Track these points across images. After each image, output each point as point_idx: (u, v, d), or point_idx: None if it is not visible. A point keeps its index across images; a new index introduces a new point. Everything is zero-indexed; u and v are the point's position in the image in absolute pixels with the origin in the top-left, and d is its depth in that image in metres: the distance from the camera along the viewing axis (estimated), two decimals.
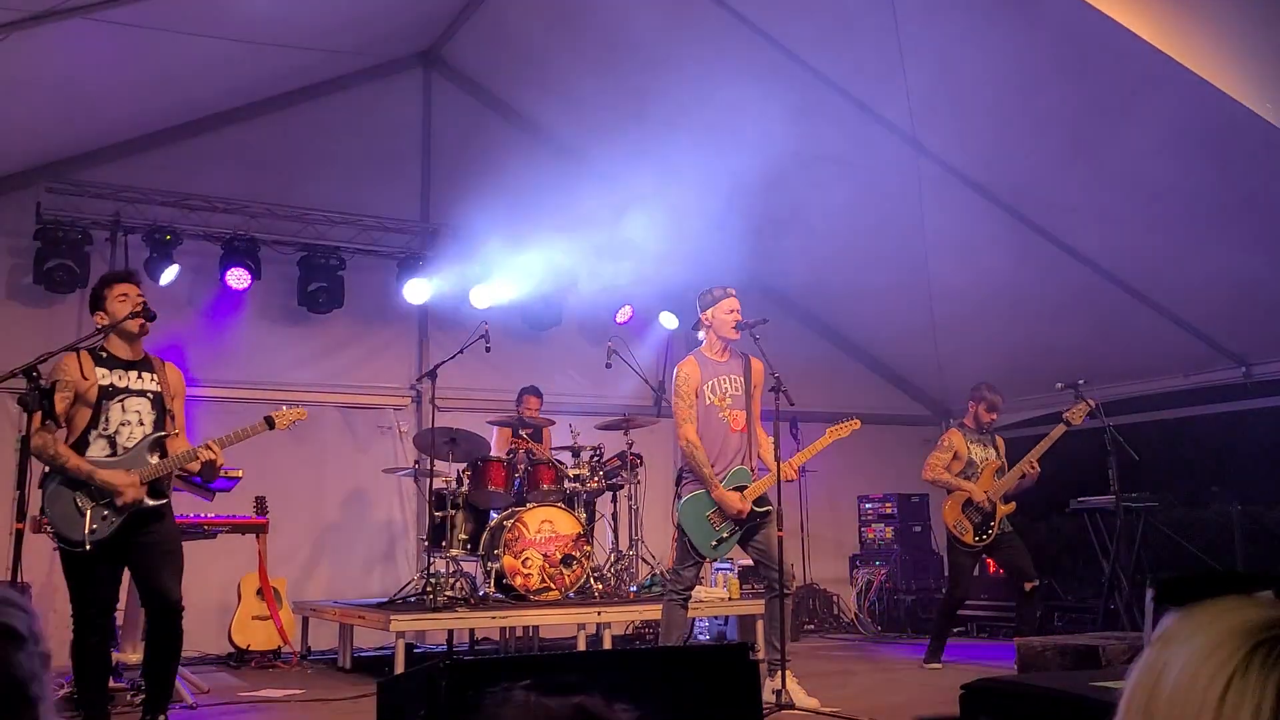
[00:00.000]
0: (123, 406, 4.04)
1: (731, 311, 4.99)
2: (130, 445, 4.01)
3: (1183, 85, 4.99)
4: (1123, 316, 7.22)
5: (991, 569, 7.49)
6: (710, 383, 4.97)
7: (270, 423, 4.27)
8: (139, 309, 4.03)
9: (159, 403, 4.11)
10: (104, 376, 4.02)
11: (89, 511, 3.90)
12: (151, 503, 4.01)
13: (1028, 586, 6.09)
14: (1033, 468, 6.14)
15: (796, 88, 6.57)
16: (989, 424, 6.41)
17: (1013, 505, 6.22)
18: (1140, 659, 0.76)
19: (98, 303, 4.08)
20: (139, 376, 4.09)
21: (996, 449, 6.38)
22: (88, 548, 3.86)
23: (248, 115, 7.41)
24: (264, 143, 7.43)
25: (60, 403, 3.91)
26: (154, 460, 4.04)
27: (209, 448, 4.04)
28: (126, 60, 5.81)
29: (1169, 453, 7.29)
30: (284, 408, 4.38)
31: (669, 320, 8.53)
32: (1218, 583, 0.77)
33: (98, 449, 3.97)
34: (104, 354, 4.06)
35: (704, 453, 4.85)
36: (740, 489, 4.91)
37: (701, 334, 5.15)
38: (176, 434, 4.16)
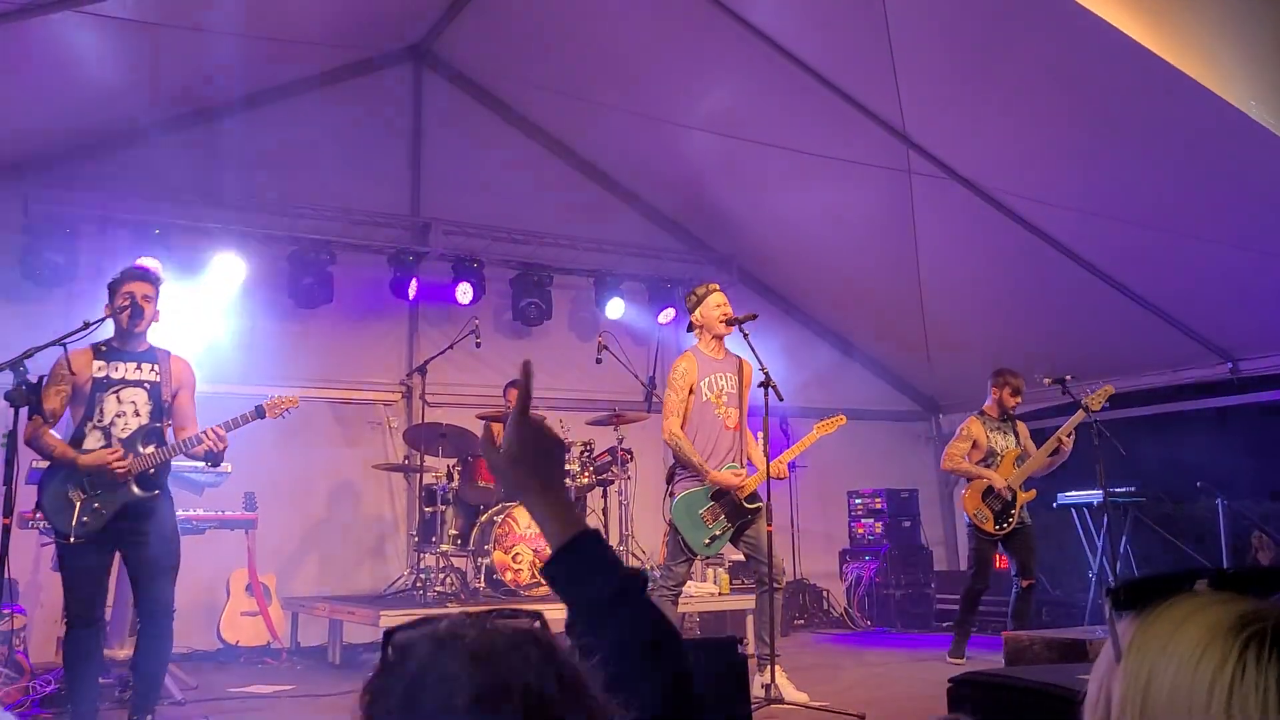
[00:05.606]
0: (118, 398, 4.04)
1: (719, 306, 5.00)
2: (124, 436, 4.02)
3: (1170, 84, 5.01)
4: (1111, 312, 7.25)
5: (997, 563, 7.39)
6: (707, 379, 4.98)
7: (260, 412, 4.24)
8: (125, 306, 4.03)
9: (156, 393, 4.10)
10: (100, 369, 4.03)
11: (79, 504, 3.90)
12: (140, 493, 4.00)
13: (1024, 584, 6.09)
14: (1067, 438, 5.95)
15: (787, 83, 6.57)
16: (1014, 408, 6.35)
17: (1033, 493, 6.16)
18: (1116, 673, 0.75)
19: (110, 295, 4.11)
20: (138, 368, 4.10)
21: (1017, 435, 6.33)
22: (74, 539, 3.86)
23: (238, 109, 7.37)
24: (254, 137, 7.39)
25: (54, 398, 3.93)
26: (147, 451, 4.03)
27: (210, 435, 4.04)
28: (116, 54, 5.77)
29: (1155, 448, 7.32)
30: (273, 396, 4.35)
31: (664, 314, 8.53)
32: (1167, 583, 0.76)
33: (93, 440, 3.99)
34: (104, 347, 4.08)
35: (689, 443, 4.86)
36: None
37: (694, 335, 5.15)
38: (169, 424, 4.16)
